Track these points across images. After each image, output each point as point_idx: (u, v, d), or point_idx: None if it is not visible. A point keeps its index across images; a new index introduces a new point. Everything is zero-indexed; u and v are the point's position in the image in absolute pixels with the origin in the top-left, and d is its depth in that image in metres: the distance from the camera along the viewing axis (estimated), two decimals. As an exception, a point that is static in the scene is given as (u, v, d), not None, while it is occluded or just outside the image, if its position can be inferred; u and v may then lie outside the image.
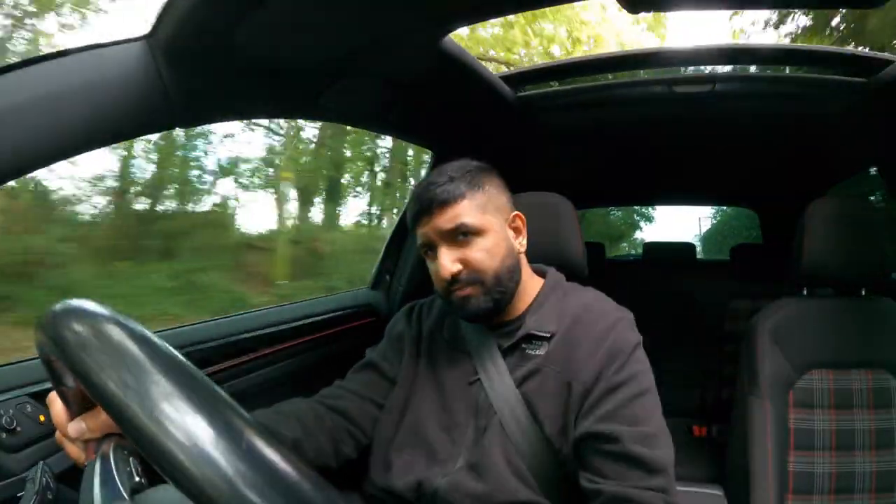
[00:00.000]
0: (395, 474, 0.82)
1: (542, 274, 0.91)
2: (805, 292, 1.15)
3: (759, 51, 1.27)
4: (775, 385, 1.07)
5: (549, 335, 0.81)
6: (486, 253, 0.79)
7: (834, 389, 1.07)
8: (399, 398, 0.88)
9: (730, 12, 6.29)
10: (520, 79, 1.31)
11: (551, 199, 1.03)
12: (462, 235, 0.79)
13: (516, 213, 0.86)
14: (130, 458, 0.38)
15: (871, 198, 2.80)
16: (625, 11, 0.79)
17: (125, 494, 0.34)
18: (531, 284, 0.88)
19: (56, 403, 0.47)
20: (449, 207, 0.78)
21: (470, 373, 0.84)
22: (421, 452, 0.83)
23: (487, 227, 0.80)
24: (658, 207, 7.19)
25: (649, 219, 10.78)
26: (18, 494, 0.56)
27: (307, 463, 0.30)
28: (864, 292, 1.12)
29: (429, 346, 0.90)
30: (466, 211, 0.79)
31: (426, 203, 0.79)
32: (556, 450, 0.77)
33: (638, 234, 11.24)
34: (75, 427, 0.44)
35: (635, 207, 9.55)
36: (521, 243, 0.86)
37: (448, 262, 0.78)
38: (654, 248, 2.30)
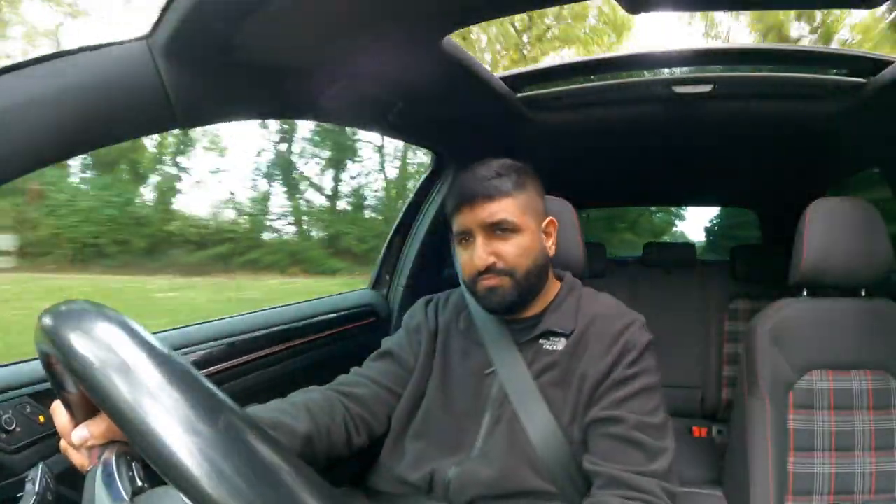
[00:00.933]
0: (409, 464, 0.84)
1: (558, 277, 0.94)
2: (805, 293, 1.14)
3: (759, 51, 1.27)
4: (775, 386, 1.07)
5: (567, 332, 0.84)
6: (520, 250, 0.82)
7: (834, 390, 1.06)
8: (415, 388, 0.90)
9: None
10: (520, 79, 1.31)
11: (550, 201, 1.03)
12: (500, 230, 0.81)
13: (550, 218, 0.89)
14: (133, 464, 0.38)
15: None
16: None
17: (127, 499, 0.34)
18: (550, 286, 0.90)
19: (60, 412, 0.46)
20: (493, 202, 0.81)
21: (486, 365, 0.86)
22: (435, 442, 0.84)
23: (525, 227, 0.83)
24: (689, 208, 7.44)
25: (682, 217, 12.18)
26: (18, 495, 0.56)
27: (311, 469, 0.29)
28: (863, 293, 1.12)
29: (445, 339, 0.92)
30: (509, 208, 0.81)
31: (471, 193, 0.82)
32: (569, 441, 0.79)
33: (674, 229, 12.79)
34: (79, 434, 0.44)
35: (671, 209, 10.21)
36: (550, 247, 0.88)
37: (484, 252, 0.81)
38: (653, 248, 2.28)
